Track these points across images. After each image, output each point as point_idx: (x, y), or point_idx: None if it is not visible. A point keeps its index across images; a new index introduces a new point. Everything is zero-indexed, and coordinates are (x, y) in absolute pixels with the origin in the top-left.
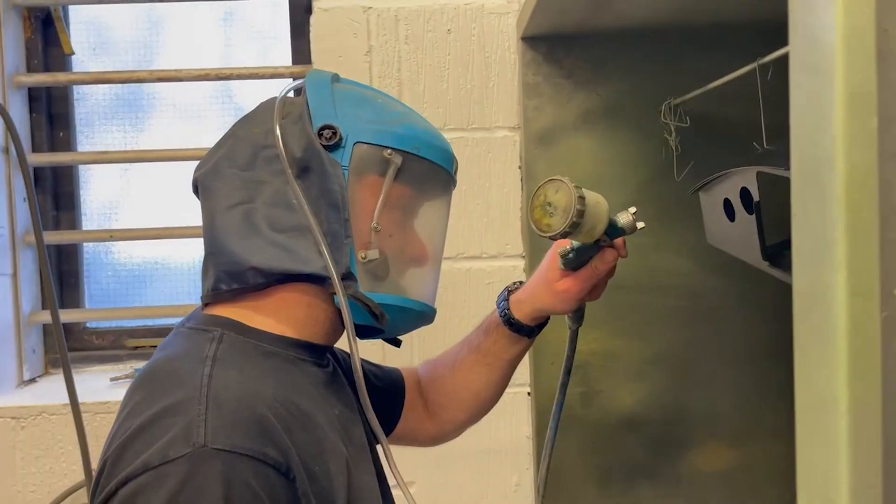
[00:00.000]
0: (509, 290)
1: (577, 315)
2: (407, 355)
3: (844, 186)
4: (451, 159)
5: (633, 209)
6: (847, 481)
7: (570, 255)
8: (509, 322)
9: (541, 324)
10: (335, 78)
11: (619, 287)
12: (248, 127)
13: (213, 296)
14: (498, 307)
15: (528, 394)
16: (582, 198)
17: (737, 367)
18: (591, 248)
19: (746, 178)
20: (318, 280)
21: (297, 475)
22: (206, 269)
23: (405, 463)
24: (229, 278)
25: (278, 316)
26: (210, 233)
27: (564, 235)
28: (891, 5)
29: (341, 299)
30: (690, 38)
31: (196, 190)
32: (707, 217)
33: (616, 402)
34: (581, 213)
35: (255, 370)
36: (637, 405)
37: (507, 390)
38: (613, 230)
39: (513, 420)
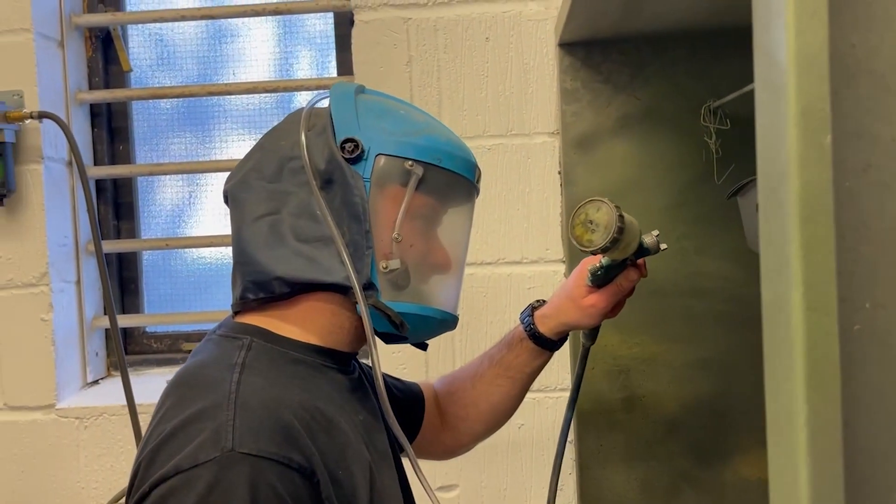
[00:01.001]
0: (533, 308)
1: (594, 333)
2: (449, 359)
3: (798, 203)
4: (472, 169)
5: (655, 232)
6: (807, 494)
7: (600, 272)
8: (534, 336)
9: (562, 338)
10: (359, 89)
11: (661, 292)
12: (276, 139)
13: (241, 304)
14: (523, 322)
15: None
16: (622, 216)
17: None
18: (617, 267)
19: None
20: (341, 289)
21: (321, 479)
22: (234, 278)
23: (449, 466)
24: (256, 288)
25: (304, 324)
26: (238, 244)
27: (605, 250)
28: (857, 19)
29: (362, 308)
30: (728, 40)
31: (227, 201)
32: (745, 221)
33: (659, 408)
34: (621, 230)
35: (281, 377)
36: (680, 410)
37: (550, 395)
38: (640, 250)
39: (555, 424)
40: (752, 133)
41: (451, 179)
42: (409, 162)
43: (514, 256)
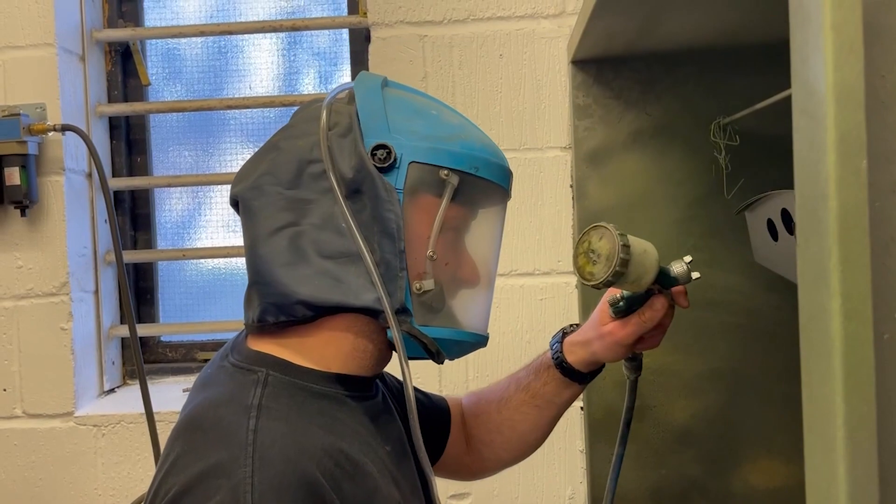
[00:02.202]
0: (564, 332)
1: (634, 364)
2: (462, 370)
3: (837, 221)
4: (507, 176)
5: (688, 258)
6: (845, 489)
7: (620, 303)
8: (561, 366)
9: (594, 371)
10: (385, 82)
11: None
12: (292, 139)
13: (258, 327)
14: (551, 349)
15: (581, 408)
16: (626, 246)
17: (791, 383)
18: (642, 297)
19: (786, 199)
20: (370, 313)
21: None
22: (249, 298)
23: None
24: (277, 311)
25: (324, 351)
26: (254, 260)
27: (608, 284)
28: (886, 52)
29: (396, 336)
30: (738, 58)
31: (235, 205)
32: (753, 236)
33: (669, 418)
34: (625, 263)
35: (302, 418)
36: (690, 420)
37: None
38: (666, 279)
39: (566, 434)
40: (761, 149)
41: (487, 188)
42: (445, 171)
43: (527, 268)
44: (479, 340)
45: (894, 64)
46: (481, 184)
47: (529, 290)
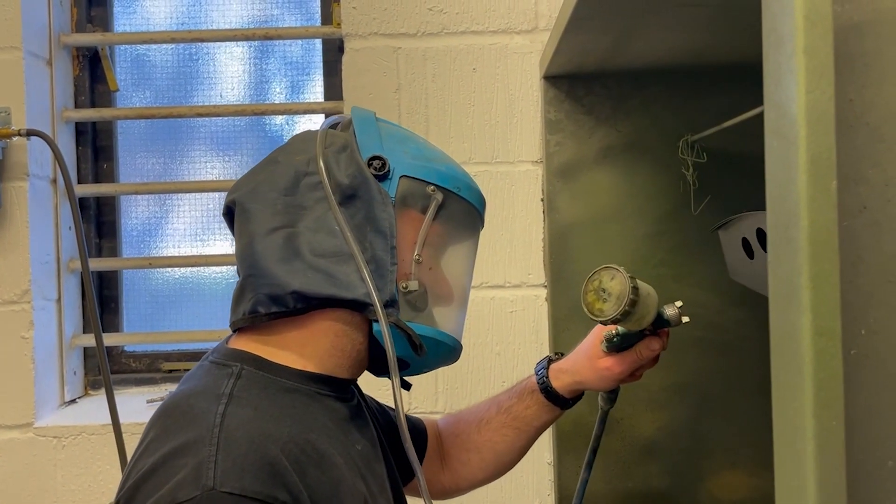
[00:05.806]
0: (550, 360)
1: (612, 396)
2: (431, 384)
3: (808, 240)
4: (483, 203)
5: (678, 303)
6: (815, 502)
7: (615, 339)
8: (546, 390)
9: (576, 397)
10: (375, 116)
11: None
12: (290, 154)
13: (250, 319)
14: (536, 374)
15: None
16: (636, 288)
17: (756, 397)
18: (636, 335)
19: (761, 219)
20: (358, 307)
21: None
22: (241, 292)
23: None
24: (270, 301)
25: (302, 349)
26: (250, 256)
27: (615, 321)
28: (855, 77)
29: (383, 326)
30: (707, 77)
31: (228, 212)
32: (727, 254)
33: (637, 431)
34: (634, 303)
35: (271, 408)
36: (657, 434)
37: None
38: (660, 321)
39: (535, 446)
40: (728, 166)
41: (466, 209)
42: (431, 187)
43: (498, 280)
44: (456, 346)
45: (862, 88)
46: (462, 204)
47: (500, 302)
